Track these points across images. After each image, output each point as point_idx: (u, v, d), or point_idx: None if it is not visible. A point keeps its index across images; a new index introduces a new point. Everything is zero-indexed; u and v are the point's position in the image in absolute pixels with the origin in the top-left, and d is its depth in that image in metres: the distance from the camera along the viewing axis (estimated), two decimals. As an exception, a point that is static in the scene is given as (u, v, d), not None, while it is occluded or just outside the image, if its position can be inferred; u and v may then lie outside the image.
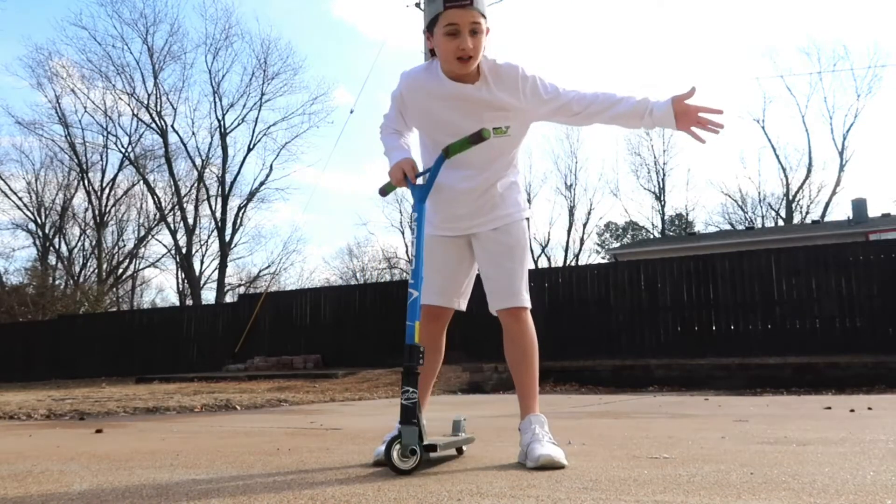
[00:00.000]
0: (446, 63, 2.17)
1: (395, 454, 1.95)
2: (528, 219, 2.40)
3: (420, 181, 2.28)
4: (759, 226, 34.41)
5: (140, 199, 35.95)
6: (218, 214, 33.82)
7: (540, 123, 2.45)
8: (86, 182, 34.28)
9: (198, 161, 33.65)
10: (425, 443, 2.02)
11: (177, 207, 33.62)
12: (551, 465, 2.04)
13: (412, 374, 2.03)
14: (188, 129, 41.00)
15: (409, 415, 1.98)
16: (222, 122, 33.82)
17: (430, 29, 2.17)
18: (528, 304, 2.37)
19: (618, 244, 38.21)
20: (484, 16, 2.12)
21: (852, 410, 4.30)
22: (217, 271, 33.88)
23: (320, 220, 52.81)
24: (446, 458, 2.31)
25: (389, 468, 1.97)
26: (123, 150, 33.78)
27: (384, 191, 2.40)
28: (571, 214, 39.14)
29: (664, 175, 38.26)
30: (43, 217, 34.50)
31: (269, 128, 34.40)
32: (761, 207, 37.91)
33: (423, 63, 2.35)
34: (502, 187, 2.35)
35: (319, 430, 3.57)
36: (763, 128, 41.80)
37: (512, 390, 8.82)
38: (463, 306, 2.50)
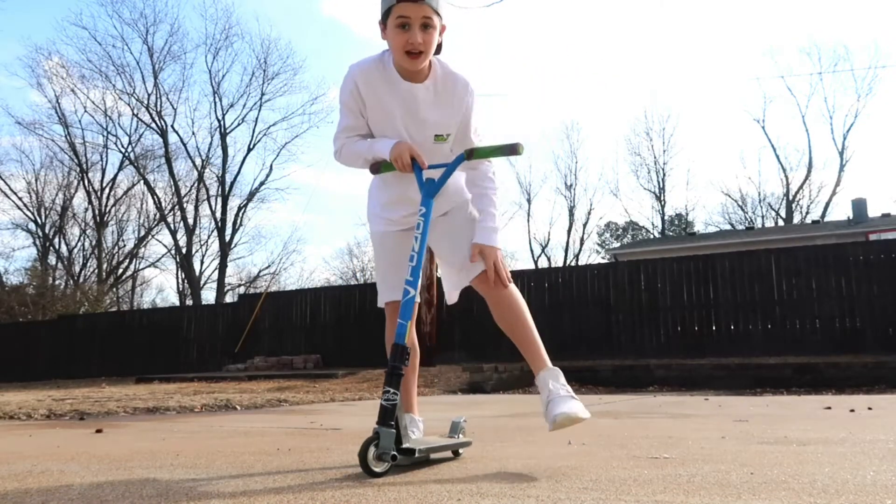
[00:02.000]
0: (396, 55, 2.15)
1: (369, 456, 1.88)
2: (469, 199, 2.36)
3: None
4: (759, 226, 34.43)
5: (140, 199, 36.03)
6: (218, 214, 33.88)
7: (540, 123, 2.45)
8: (86, 182, 34.33)
9: (198, 161, 33.73)
10: (403, 446, 1.97)
11: (177, 207, 33.67)
12: (568, 424, 2.01)
13: (396, 375, 1.98)
14: (188, 129, 41.15)
15: (388, 416, 1.93)
16: (222, 122, 33.89)
17: (384, 21, 2.15)
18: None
19: (618, 244, 38.22)
20: (437, 13, 2.10)
21: (852, 410, 4.30)
22: (217, 271, 33.93)
23: (320, 221, 52.84)
24: (443, 459, 2.30)
25: (363, 471, 1.89)
26: (123, 150, 33.86)
27: (377, 169, 2.30)
28: (571, 214, 39.20)
29: (664, 175, 38.30)
30: (43, 217, 34.56)
31: (269, 128, 34.53)
32: (761, 207, 37.97)
33: (372, 55, 2.27)
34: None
35: (319, 430, 3.57)
36: (763, 128, 41.90)
37: (512, 391, 8.84)
38: (418, 298, 2.48)
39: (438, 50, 2.22)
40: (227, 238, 33.93)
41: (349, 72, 2.23)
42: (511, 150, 2.12)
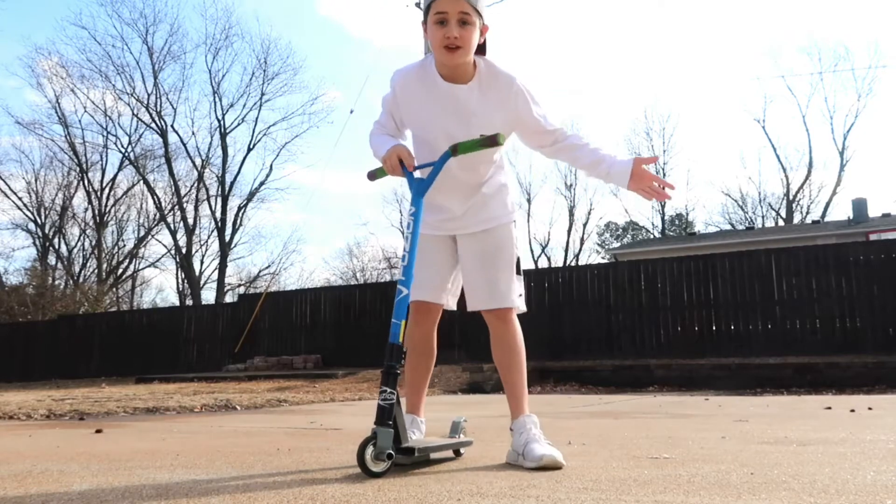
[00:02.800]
0: (436, 52, 2.17)
1: (367, 456, 1.89)
2: (514, 221, 2.37)
3: (418, 174, 2.25)
4: (760, 226, 34.41)
5: (140, 199, 35.99)
6: (218, 214, 33.85)
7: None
8: (86, 182, 34.31)
9: (198, 161, 33.69)
10: (403, 445, 1.97)
11: (177, 207, 33.65)
12: (553, 466, 2.03)
13: (392, 374, 1.98)
14: (188, 129, 41.06)
15: (386, 416, 1.93)
16: (222, 122, 33.86)
17: (425, 21, 2.19)
18: (514, 306, 2.32)
19: (618, 244, 38.21)
20: (477, 10, 2.13)
21: (853, 410, 4.30)
22: (217, 271, 33.91)
23: (320, 220, 52.84)
24: (444, 459, 2.30)
25: (361, 471, 1.89)
26: (123, 150, 33.83)
27: (373, 175, 2.35)
28: (571, 214, 39.17)
29: (664, 175, 38.26)
30: (43, 217, 34.54)
31: (269, 128, 34.45)
32: (761, 207, 37.94)
33: (416, 60, 2.33)
34: (490, 189, 2.34)
35: (319, 430, 3.57)
36: (763, 128, 41.86)
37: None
38: (453, 305, 2.47)
39: (483, 51, 2.24)
40: (227, 238, 33.92)
41: (393, 76, 2.32)
42: (492, 141, 2.13)
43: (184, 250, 33.73)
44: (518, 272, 2.35)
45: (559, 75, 53.14)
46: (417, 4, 11.98)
